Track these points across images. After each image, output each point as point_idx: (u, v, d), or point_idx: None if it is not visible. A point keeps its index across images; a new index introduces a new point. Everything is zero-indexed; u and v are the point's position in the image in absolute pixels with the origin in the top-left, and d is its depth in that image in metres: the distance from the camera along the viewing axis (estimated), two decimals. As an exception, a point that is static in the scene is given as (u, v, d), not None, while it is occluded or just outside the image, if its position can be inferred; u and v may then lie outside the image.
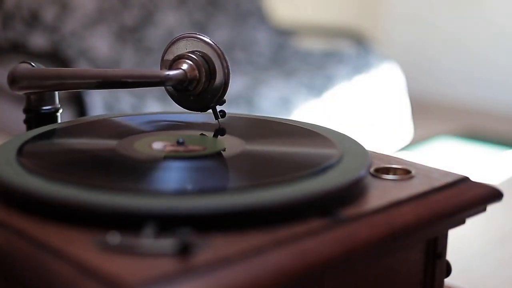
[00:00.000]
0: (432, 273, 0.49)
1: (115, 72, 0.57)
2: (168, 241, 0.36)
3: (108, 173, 0.46)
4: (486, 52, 3.22)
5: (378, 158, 0.54)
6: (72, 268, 0.35)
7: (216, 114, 0.58)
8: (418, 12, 3.43)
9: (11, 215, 0.41)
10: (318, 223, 0.41)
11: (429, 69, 3.41)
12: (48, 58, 1.75)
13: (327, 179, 0.44)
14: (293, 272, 0.37)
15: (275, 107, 1.93)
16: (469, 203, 0.48)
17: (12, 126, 1.77)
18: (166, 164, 0.49)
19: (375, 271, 0.45)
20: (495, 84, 3.20)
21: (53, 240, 0.38)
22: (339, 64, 2.25)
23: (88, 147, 0.54)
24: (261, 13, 2.62)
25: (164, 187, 0.44)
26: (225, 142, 0.54)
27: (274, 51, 2.50)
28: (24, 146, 0.51)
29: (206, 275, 0.34)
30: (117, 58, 2.14)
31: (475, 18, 3.23)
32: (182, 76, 0.55)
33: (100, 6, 2.15)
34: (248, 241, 0.38)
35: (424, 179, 0.49)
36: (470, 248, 1.70)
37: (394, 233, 0.42)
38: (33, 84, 0.57)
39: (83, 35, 2.09)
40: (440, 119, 3.03)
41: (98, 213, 0.39)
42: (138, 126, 0.58)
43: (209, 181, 0.46)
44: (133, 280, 0.33)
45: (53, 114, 0.60)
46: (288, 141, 0.55)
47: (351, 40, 2.53)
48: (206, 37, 0.56)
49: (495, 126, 2.90)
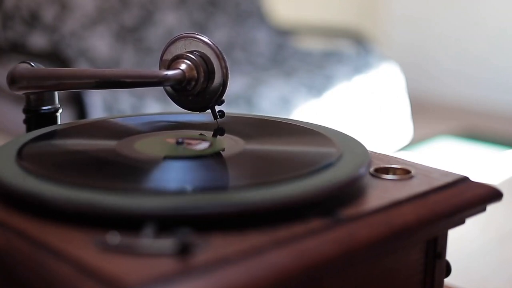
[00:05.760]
0: (432, 273, 0.49)
1: (113, 72, 0.57)
2: (167, 241, 0.36)
3: (107, 173, 0.46)
4: (486, 52, 3.22)
5: (378, 158, 0.54)
6: (71, 268, 0.35)
7: (215, 114, 0.58)
8: (418, 12, 3.43)
9: (11, 215, 0.41)
10: (317, 223, 0.41)
11: (429, 69, 3.41)
12: (48, 58, 1.76)
13: (326, 179, 0.44)
14: (292, 272, 0.37)
15: (275, 107, 1.93)
16: (469, 203, 0.48)
17: (12, 126, 1.77)
18: (165, 164, 0.49)
19: (375, 271, 0.45)
20: (495, 84, 3.20)
21: (53, 240, 0.38)
22: (339, 64, 2.25)
23: (87, 147, 0.54)
24: (261, 13, 2.62)
25: (164, 187, 0.44)
26: (225, 142, 0.54)
27: (274, 51, 2.50)
28: (24, 147, 0.51)
29: (205, 275, 0.34)
30: (117, 58, 2.14)
31: (475, 18, 3.23)
32: (180, 76, 0.55)
33: (100, 6, 2.15)
34: (248, 241, 0.38)
35: (424, 179, 0.49)
36: (470, 248, 1.70)
37: (394, 233, 0.42)
38: (33, 84, 0.57)
39: (82, 35, 2.09)
40: (440, 119, 3.03)
41: (98, 213, 0.39)
42: (137, 127, 0.58)
43: (209, 181, 0.46)
44: (132, 280, 0.33)
45: (53, 114, 0.60)
46: (288, 140, 0.55)
47: (351, 40, 2.53)
48: (204, 37, 0.56)
49: (495, 126, 2.90)
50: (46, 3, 2.04)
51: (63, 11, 2.07)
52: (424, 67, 3.42)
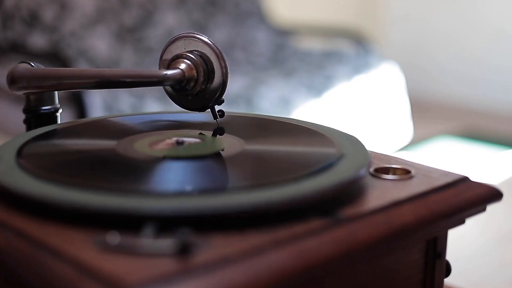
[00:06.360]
0: (432, 273, 0.49)
1: (113, 72, 0.57)
2: (167, 241, 0.36)
3: (107, 173, 0.46)
4: (486, 52, 3.22)
5: (378, 158, 0.54)
6: (71, 268, 0.35)
7: (215, 114, 0.58)
8: (417, 13, 3.43)
9: (11, 215, 0.41)
10: (317, 223, 0.41)
11: (429, 69, 3.41)
12: (48, 58, 1.76)
13: (326, 179, 0.44)
14: (292, 272, 0.37)
15: (275, 107, 1.93)
16: (469, 203, 0.48)
17: (12, 126, 1.77)
18: (165, 164, 0.49)
19: (374, 271, 0.45)
20: (495, 84, 3.20)
21: (53, 240, 0.38)
22: (339, 64, 2.25)
23: (87, 147, 0.54)
24: (261, 13, 2.62)
25: (164, 187, 0.44)
26: (224, 142, 0.54)
27: (274, 51, 2.50)
28: (24, 147, 0.51)
29: (205, 275, 0.34)
30: (116, 58, 2.14)
31: (475, 18, 3.23)
32: (180, 76, 0.55)
33: (100, 6, 2.15)
34: (248, 241, 0.38)
35: (424, 179, 0.49)
36: (470, 248, 1.70)
37: (394, 233, 0.42)
38: (33, 84, 0.57)
39: (82, 35, 2.09)
40: (439, 119, 3.03)
41: (98, 213, 0.39)
42: (137, 126, 0.58)
43: (209, 181, 0.46)
44: (132, 280, 0.33)
45: (53, 114, 0.60)
46: (288, 140, 0.55)
47: (350, 40, 2.53)
48: (204, 37, 0.56)
49: (495, 126, 2.90)
50: (46, 3, 2.04)
51: (63, 11, 2.07)
52: (424, 67, 3.42)
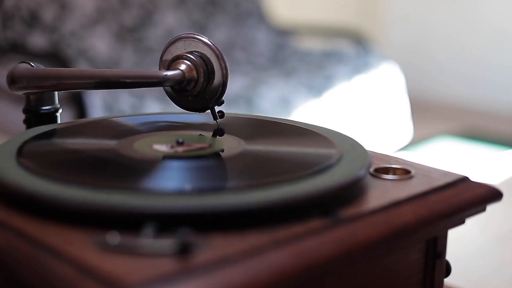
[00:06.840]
0: (432, 273, 0.49)
1: (113, 72, 0.57)
2: (167, 241, 0.36)
3: (107, 173, 0.46)
4: (485, 52, 3.22)
5: (378, 158, 0.54)
6: (71, 268, 0.35)
7: (215, 114, 0.58)
8: (417, 12, 3.43)
9: (11, 215, 0.41)
10: (317, 223, 0.41)
11: (429, 69, 3.41)
12: (48, 58, 1.76)
13: (326, 179, 0.44)
14: (292, 272, 0.37)
15: (275, 107, 1.93)
16: (469, 203, 0.48)
17: (12, 126, 1.77)
18: (165, 164, 0.49)
19: (374, 271, 0.45)
20: (495, 84, 3.20)
21: (53, 240, 0.38)
22: (339, 64, 2.25)
23: (87, 147, 0.54)
24: (261, 13, 2.62)
25: (164, 187, 0.44)
26: (224, 142, 0.54)
27: (274, 51, 2.50)
28: (24, 146, 0.51)
29: (205, 275, 0.34)
30: (116, 58, 2.14)
31: (475, 18, 3.23)
32: (180, 77, 0.55)
33: (100, 6, 2.15)
34: (248, 241, 0.38)
35: (424, 179, 0.49)
36: (470, 248, 1.70)
37: (394, 233, 0.42)
38: (33, 84, 0.57)
39: (82, 35, 2.09)
40: (439, 119, 3.03)
41: (98, 213, 0.39)
42: (137, 127, 0.58)
43: (209, 181, 0.46)
44: (132, 280, 0.33)
45: (53, 114, 0.60)
46: (288, 141, 0.55)
47: (350, 40, 2.53)
48: (204, 38, 0.56)
49: (495, 126, 2.90)
50: (46, 3, 2.04)
51: (63, 11, 2.07)
52: (424, 67, 3.42)
